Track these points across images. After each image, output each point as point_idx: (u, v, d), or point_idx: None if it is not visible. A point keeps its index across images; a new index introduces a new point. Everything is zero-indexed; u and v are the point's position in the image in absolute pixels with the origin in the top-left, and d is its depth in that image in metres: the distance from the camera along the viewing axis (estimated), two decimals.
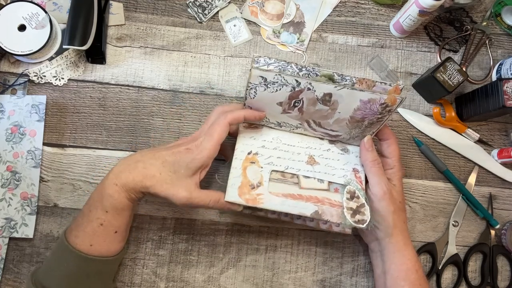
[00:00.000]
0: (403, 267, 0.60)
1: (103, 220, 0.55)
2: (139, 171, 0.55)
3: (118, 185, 0.55)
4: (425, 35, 0.76)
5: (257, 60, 0.56)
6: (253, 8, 0.75)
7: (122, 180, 0.55)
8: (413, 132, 0.73)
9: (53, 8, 0.72)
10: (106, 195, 0.55)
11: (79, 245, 0.55)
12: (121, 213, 0.56)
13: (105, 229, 0.56)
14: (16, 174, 0.68)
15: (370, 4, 0.77)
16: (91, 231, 0.55)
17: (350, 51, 0.75)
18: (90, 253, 0.55)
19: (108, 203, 0.55)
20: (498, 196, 0.73)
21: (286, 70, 0.56)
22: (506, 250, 0.70)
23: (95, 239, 0.56)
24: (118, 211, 0.56)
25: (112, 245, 0.57)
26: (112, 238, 0.57)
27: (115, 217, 0.56)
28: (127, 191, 0.55)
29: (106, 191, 0.55)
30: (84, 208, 0.57)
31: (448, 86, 0.68)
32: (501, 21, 0.77)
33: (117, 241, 0.58)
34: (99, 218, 0.55)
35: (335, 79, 0.56)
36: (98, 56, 0.71)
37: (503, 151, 0.71)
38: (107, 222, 0.56)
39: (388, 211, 0.60)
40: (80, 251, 0.55)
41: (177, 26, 0.74)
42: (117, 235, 0.57)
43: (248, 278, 0.68)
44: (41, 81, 0.70)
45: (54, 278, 0.56)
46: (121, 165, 0.56)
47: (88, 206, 0.57)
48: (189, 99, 0.72)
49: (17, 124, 0.69)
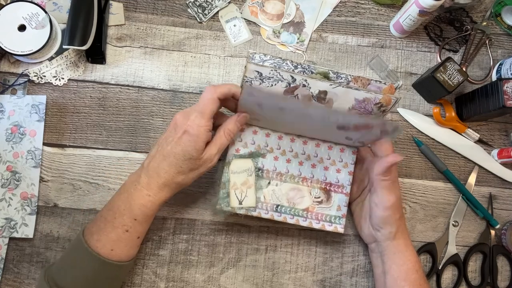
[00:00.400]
0: (404, 267, 0.60)
1: (129, 227, 0.57)
2: (163, 176, 0.57)
3: (151, 196, 0.57)
4: (425, 35, 0.76)
5: (252, 57, 0.56)
6: (253, 8, 0.75)
7: (154, 190, 0.57)
8: (413, 132, 0.73)
9: (53, 8, 0.72)
10: (138, 204, 0.57)
11: (100, 249, 0.56)
12: (148, 220, 0.59)
13: (129, 235, 0.57)
14: (16, 174, 0.68)
15: (370, 4, 0.77)
16: (115, 237, 0.56)
17: (350, 51, 0.75)
18: (109, 257, 0.56)
19: (140, 212, 0.57)
20: (498, 196, 0.73)
21: (282, 67, 0.56)
22: (506, 250, 0.70)
23: (118, 245, 0.57)
24: (147, 219, 0.58)
25: (132, 250, 0.59)
26: (133, 244, 0.58)
27: (142, 224, 0.58)
28: (162, 199, 0.58)
29: (138, 202, 0.57)
30: (107, 215, 0.58)
31: (448, 86, 0.68)
32: (501, 21, 0.77)
33: (136, 246, 0.60)
34: (126, 225, 0.57)
35: (330, 77, 0.56)
36: (98, 56, 0.71)
37: (503, 151, 0.71)
38: (133, 229, 0.57)
39: (394, 220, 0.60)
40: (100, 255, 0.55)
41: (177, 26, 0.74)
42: (138, 240, 0.59)
43: (248, 278, 0.68)
44: (41, 81, 0.70)
45: (69, 278, 0.56)
46: (145, 177, 0.58)
47: (112, 213, 0.57)
48: (189, 99, 0.72)
49: (17, 124, 0.69)
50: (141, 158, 0.70)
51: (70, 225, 0.68)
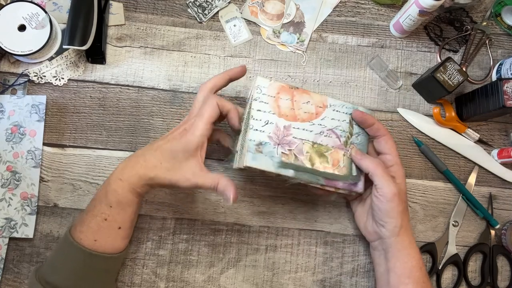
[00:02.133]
0: (408, 264, 0.59)
1: (107, 215, 0.56)
2: (141, 165, 0.56)
3: (123, 180, 0.56)
4: (425, 35, 0.76)
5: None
6: (253, 8, 0.75)
7: (126, 175, 0.56)
8: (413, 132, 0.73)
9: (53, 8, 0.72)
10: (111, 190, 0.56)
11: (84, 241, 0.56)
12: (125, 208, 0.57)
13: (109, 224, 0.57)
14: (16, 174, 0.68)
15: (370, 4, 0.77)
16: (96, 226, 0.56)
17: (350, 51, 0.75)
18: (94, 248, 0.56)
19: (113, 197, 0.56)
20: (498, 196, 0.73)
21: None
22: (506, 250, 0.70)
23: (99, 234, 0.56)
24: (122, 206, 0.57)
25: (116, 241, 0.58)
26: (115, 234, 0.58)
27: (119, 212, 0.57)
28: (132, 186, 0.56)
29: (111, 187, 0.56)
30: (89, 205, 0.58)
31: (448, 86, 0.68)
32: (501, 21, 0.77)
33: (121, 238, 0.59)
34: (104, 213, 0.56)
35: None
36: (98, 56, 0.71)
37: (503, 151, 0.71)
38: (111, 217, 0.56)
39: (397, 212, 0.59)
40: (85, 247, 0.55)
41: (177, 26, 0.74)
42: (120, 231, 0.58)
43: (248, 278, 0.68)
44: (41, 81, 0.70)
45: (59, 274, 0.56)
46: (124, 162, 0.58)
47: (93, 202, 0.58)
48: (189, 99, 0.72)
49: (17, 124, 0.69)
50: None
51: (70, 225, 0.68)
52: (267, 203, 0.70)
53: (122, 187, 0.56)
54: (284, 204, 0.70)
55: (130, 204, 0.58)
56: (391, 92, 0.74)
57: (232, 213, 0.69)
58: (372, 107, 0.73)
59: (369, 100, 0.74)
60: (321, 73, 0.74)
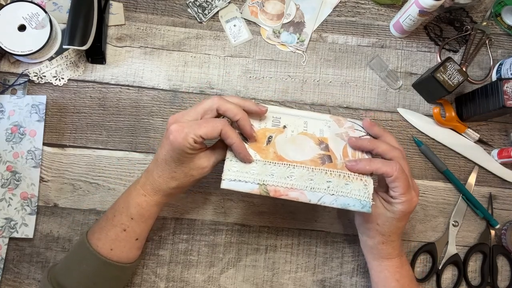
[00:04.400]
0: (382, 274, 0.59)
1: (127, 226, 0.57)
2: (158, 181, 0.56)
3: (146, 196, 0.57)
4: (425, 35, 0.76)
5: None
6: (253, 8, 0.75)
7: (149, 190, 0.57)
8: (413, 132, 0.73)
9: (53, 8, 0.72)
10: (134, 203, 0.57)
11: (100, 248, 0.56)
12: (146, 220, 0.58)
13: (127, 235, 0.57)
14: (16, 174, 0.68)
15: (370, 4, 0.77)
16: (114, 236, 0.57)
17: (350, 51, 0.75)
18: (109, 257, 0.56)
19: (135, 210, 0.57)
20: (498, 196, 0.73)
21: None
22: (506, 250, 0.70)
23: (116, 244, 0.57)
24: (144, 218, 0.58)
25: (131, 251, 0.59)
26: (132, 245, 0.58)
27: (139, 224, 0.58)
28: (156, 200, 0.57)
29: (134, 200, 0.57)
30: (108, 213, 0.59)
31: (448, 86, 0.68)
32: (501, 21, 0.77)
33: (136, 248, 0.59)
34: (123, 224, 0.57)
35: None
36: (98, 56, 0.71)
37: (503, 151, 0.71)
38: (131, 229, 0.57)
39: (401, 232, 0.59)
40: (101, 254, 0.56)
41: (177, 26, 0.74)
42: (137, 242, 0.59)
43: (248, 278, 0.68)
44: (41, 81, 0.70)
45: (72, 278, 0.57)
46: (144, 177, 0.58)
47: (112, 211, 0.58)
48: (189, 99, 0.72)
49: (17, 124, 0.69)
50: (141, 158, 0.70)
51: (70, 225, 0.68)
52: (267, 203, 0.70)
53: (147, 202, 0.57)
54: (284, 204, 0.70)
55: (152, 216, 0.59)
56: (391, 92, 0.74)
57: (232, 213, 0.70)
58: (372, 107, 0.74)
59: (369, 100, 0.74)
60: (321, 73, 0.74)
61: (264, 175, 0.54)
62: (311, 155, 0.57)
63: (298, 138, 0.58)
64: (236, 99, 0.56)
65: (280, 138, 0.58)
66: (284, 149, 0.57)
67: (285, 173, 0.55)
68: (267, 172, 0.55)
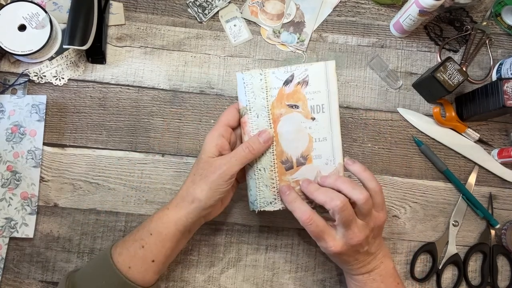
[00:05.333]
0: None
1: (146, 242, 0.56)
2: (181, 189, 0.57)
3: (169, 210, 0.56)
4: (425, 35, 0.76)
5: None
6: (253, 8, 0.75)
7: (172, 204, 0.57)
8: (413, 132, 0.73)
9: (53, 8, 0.72)
10: (156, 217, 0.57)
11: (121, 265, 0.55)
12: (163, 242, 0.56)
13: (144, 254, 0.55)
14: (16, 174, 0.68)
15: (370, 4, 0.77)
16: (133, 252, 0.56)
17: (350, 51, 0.75)
18: (127, 276, 0.54)
19: (155, 225, 0.56)
20: (498, 196, 0.73)
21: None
22: (506, 250, 0.70)
23: (134, 262, 0.55)
24: (161, 237, 0.56)
25: (147, 274, 0.56)
26: (148, 266, 0.56)
27: (156, 243, 0.56)
28: (175, 213, 0.56)
29: (157, 214, 0.57)
30: (135, 228, 0.59)
31: (448, 86, 0.68)
32: (501, 21, 0.77)
33: (152, 272, 0.56)
34: (143, 240, 0.56)
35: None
36: (98, 56, 0.71)
37: (503, 151, 0.71)
38: (148, 246, 0.56)
39: (363, 254, 0.57)
40: (120, 271, 0.54)
41: (177, 26, 0.74)
42: (153, 264, 0.56)
43: (248, 278, 0.68)
44: (41, 81, 0.70)
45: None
46: (176, 199, 0.58)
47: (137, 227, 0.58)
48: (189, 99, 0.72)
49: (17, 124, 0.69)
50: (141, 158, 0.70)
51: (70, 225, 0.68)
52: None
53: (167, 216, 0.56)
54: None
55: (169, 238, 0.56)
56: (391, 92, 0.74)
57: (232, 213, 0.70)
58: (372, 107, 0.74)
59: (369, 100, 0.74)
60: None
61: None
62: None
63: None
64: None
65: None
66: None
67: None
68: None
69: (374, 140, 0.73)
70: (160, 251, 0.56)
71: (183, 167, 0.70)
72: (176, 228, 0.56)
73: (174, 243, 0.57)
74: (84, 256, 0.67)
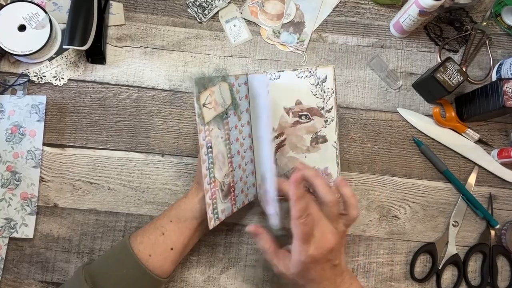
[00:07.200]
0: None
1: (166, 229, 0.58)
2: (200, 183, 0.58)
3: (187, 198, 0.59)
4: (425, 35, 0.76)
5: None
6: (253, 8, 0.75)
7: (192, 190, 0.60)
8: (413, 132, 0.73)
9: (53, 8, 0.72)
10: (176, 205, 0.60)
11: (141, 253, 0.56)
12: (181, 228, 0.59)
13: (164, 241, 0.57)
14: (16, 174, 0.68)
15: (370, 4, 0.77)
16: (154, 239, 0.57)
17: (350, 51, 0.75)
18: (147, 264, 0.56)
19: (174, 212, 0.59)
20: (498, 196, 0.73)
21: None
22: (506, 250, 0.70)
23: (154, 250, 0.57)
24: (180, 224, 0.58)
25: (165, 262, 0.58)
26: (167, 255, 0.58)
27: (175, 231, 0.58)
28: (194, 201, 0.59)
29: (177, 202, 0.61)
30: (155, 218, 0.61)
31: (448, 86, 0.68)
32: (501, 21, 0.77)
33: (170, 260, 0.58)
34: (163, 227, 0.58)
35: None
36: (98, 56, 0.71)
37: (503, 151, 0.71)
38: (168, 233, 0.58)
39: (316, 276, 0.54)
40: (140, 260, 0.55)
41: (177, 26, 0.74)
42: (172, 253, 0.58)
43: (248, 278, 0.68)
44: (41, 81, 0.70)
45: (109, 280, 0.56)
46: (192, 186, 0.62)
47: (158, 216, 0.60)
48: (189, 99, 0.72)
49: (17, 124, 0.69)
50: (141, 158, 0.70)
51: (70, 225, 0.68)
52: None
53: (185, 203, 0.59)
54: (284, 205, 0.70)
55: (187, 225, 0.59)
56: (391, 92, 0.74)
57: None
58: (372, 107, 0.74)
59: (369, 100, 0.74)
60: None
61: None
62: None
63: None
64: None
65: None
66: None
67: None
68: None
69: (374, 140, 0.73)
70: (179, 238, 0.58)
71: (183, 167, 0.70)
72: (192, 215, 0.59)
73: (192, 231, 0.59)
74: (83, 257, 0.67)
